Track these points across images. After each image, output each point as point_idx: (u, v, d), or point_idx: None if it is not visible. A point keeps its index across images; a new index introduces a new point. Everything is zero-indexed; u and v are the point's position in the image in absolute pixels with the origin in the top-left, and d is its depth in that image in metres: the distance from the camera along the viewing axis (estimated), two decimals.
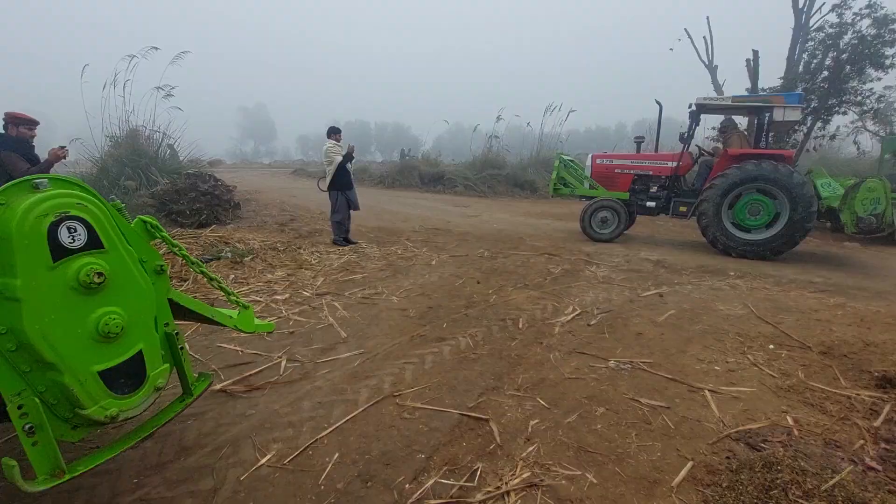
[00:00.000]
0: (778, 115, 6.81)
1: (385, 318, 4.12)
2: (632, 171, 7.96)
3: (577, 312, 4.23)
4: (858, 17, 9.94)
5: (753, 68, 11.19)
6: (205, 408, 2.68)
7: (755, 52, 11.20)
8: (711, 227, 6.98)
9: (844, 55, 9.89)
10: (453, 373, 3.10)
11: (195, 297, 4.61)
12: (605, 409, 2.65)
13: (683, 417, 2.57)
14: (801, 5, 11.00)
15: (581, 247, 7.38)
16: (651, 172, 7.90)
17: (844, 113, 10.96)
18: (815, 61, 10.60)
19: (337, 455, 2.25)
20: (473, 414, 2.60)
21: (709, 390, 2.86)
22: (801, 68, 10.85)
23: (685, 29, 12.66)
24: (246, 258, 5.96)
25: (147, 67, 10.32)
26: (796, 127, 10.47)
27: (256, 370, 3.13)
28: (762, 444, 2.30)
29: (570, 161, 8.55)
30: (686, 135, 7.53)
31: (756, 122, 7.77)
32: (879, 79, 10.27)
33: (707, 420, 2.55)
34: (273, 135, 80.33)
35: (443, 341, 3.61)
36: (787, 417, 2.56)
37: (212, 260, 5.80)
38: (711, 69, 12.40)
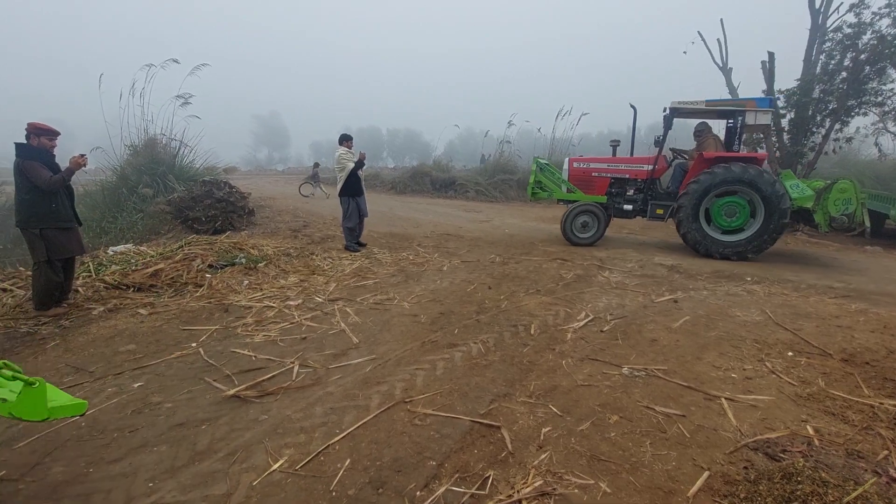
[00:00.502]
0: (750, 118, 7.02)
1: (397, 324, 4.13)
2: (608, 175, 7.96)
3: (589, 318, 4.19)
4: (877, 17, 9.75)
5: (769, 70, 11.02)
6: (218, 413, 2.71)
7: (771, 54, 11.03)
8: (691, 231, 7.10)
9: (864, 55, 9.70)
10: (465, 379, 3.08)
11: (208, 303, 4.69)
12: (619, 417, 2.61)
13: (699, 426, 2.52)
14: (817, 6, 10.83)
15: (594, 252, 7.32)
16: (628, 176, 7.91)
17: (865, 114, 10.73)
18: (832, 62, 10.40)
19: (348, 461, 2.25)
20: (485, 421, 2.58)
21: (725, 398, 2.80)
22: (818, 69, 10.67)
23: (699, 32, 12.55)
24: (260, 264, 6.03)
25: (164, 76, 10.56)
26: (772, 129, 10.29)
27: (269, 375, 3.16)
28: (781, 455, 2.24)
29: (547, 165, 8.48)
30: (660, 138, 7.63)
31: (727, 125, 7.84)
32: None
33: (724, 429, 2.49)
34: (287, 142, 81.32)
35: (454, 347, 3.60)
36: (808, 427, 2.50)
37: (226, 266, 5.87)
38: (726, 71, 12.25)
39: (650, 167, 7.77)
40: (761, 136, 11.15)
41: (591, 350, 3.53)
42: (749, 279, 5.63)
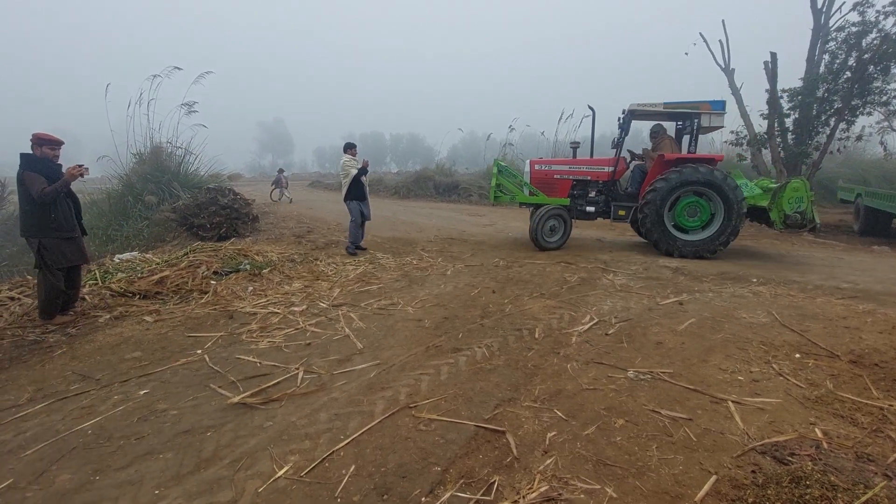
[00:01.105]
0: (704, 121, 7.18)
1: (401, 329, 4.13)
2: (570, 177, 7.92)
3: (594, 321, 4.17)
4: (882, 16, 9.71)
5: (771, 70, 10.98)
6: (223, 420, 2.71)
7: (773, 55, 11.00)
8: (655, 229, 7.14)
9: (867, 55, 9.65)
10: (469, 384, 3.08)
11: (213, 310, 4.70)
12: (625, 421, 2.60)
13: (706, 429, 2.50)
14: (819, 6, 10.80)
15: (597, 255, 7.30)
16: (589, 177, 7.91)
17: (869, 114, 10.67)
18: (837, 62, 10.36)
19: (353, 467, 2.25)
20: (490, 426, 2.57)
21: (732, 401, 2.78)
22: (822, 69, 10.63)
23: (700, 33, 12.54)
24: (264, 270, 6.05)
25: (169, 84, 10.66)
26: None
27: (274, 382, 3.16)
28: (789, 458, 2.22)
29: (506, 167, 8.34)
30: (618, 139, 7.72)
31: (678, 127, 8.03)
32: None
33: (731, 432, 2.47)
34: (290, 148, 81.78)
35: (458, 352, 3.60)
36: (816, 430, 2.47)
37: (231, 272, 5.90)
38: (728, 72, 12.23)
39: (611, 169, 7.84)
40: (766, 136, 11.13)
41: (596, 353, 3.52)
42: (755, 280, 5.60)
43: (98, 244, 8.49)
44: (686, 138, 7.65)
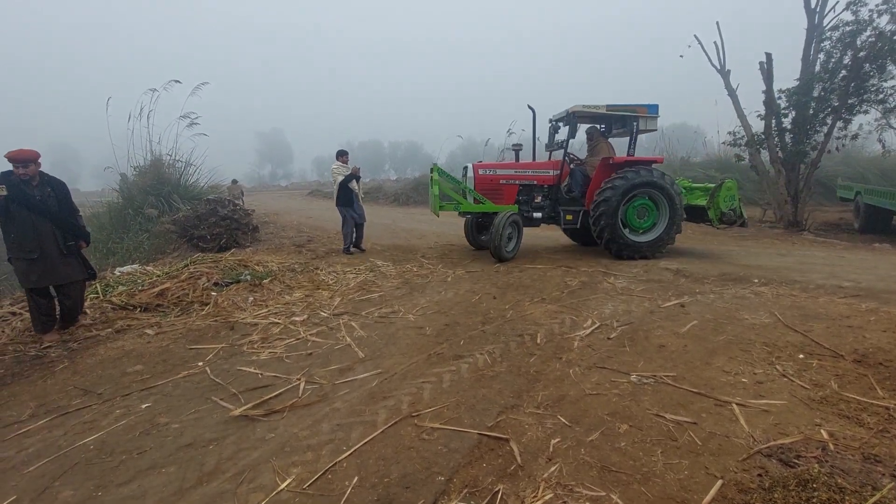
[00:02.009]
0: (642, 124, 7.33)
1: (402, 337, 4.12)
2: (517, 182, 7.54)
3: (596, 326, 4.16)
4: (876, 14, 9.75)
5: (767, 71, 11.01)
6: (225, 432, 2.70)
7: (768, 55, 11.03)
8: (611, 231, 7.05)
9: (863, 53, 9.69)
10: (472, 391, 3.06)
11: (214, 321, 4.70)
12: (629, 426, 2.58)
13: (711, 433, 2.49)
14: (813, 6, 10.84)
15: (598, 258, 7.30)
16: (535, 182, 7.62)
17: (866, 112, 10.68)
18: (832, 60, 10.40)
19: (356, 479, 2.24)
20: (493, 434, 2.56)
21: (736, 404, 2.76)
22: (817, 68, 10.66)
23: (695, 35, 12.56)
24: (265, 280, 6.05)
25: (167, 98, 10.72)
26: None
27: (276, 393, 3.15)
28: (796, 460, 2.20)
29: (447, 173, 7.63)
30: (564, 142, 7.55)
31: (600, 129, 8.11)
32: None
33: (736, 435, 2.46)
34: (290, 158, 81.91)
35: (460, 359, 3.58)
36: (822, 431, 2.45)
37: (231, 283, 5.90)
38: (724, 73, 12.24)
39: (556, 172, 7.61)
40: (763, 136, 11.14)
41: (599, 358, 3.50)
42: (756, 281, 5.59)
43: (99, 257, 8.50)
44: (617, 140, 7.98)
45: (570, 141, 7.52)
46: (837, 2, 10.46)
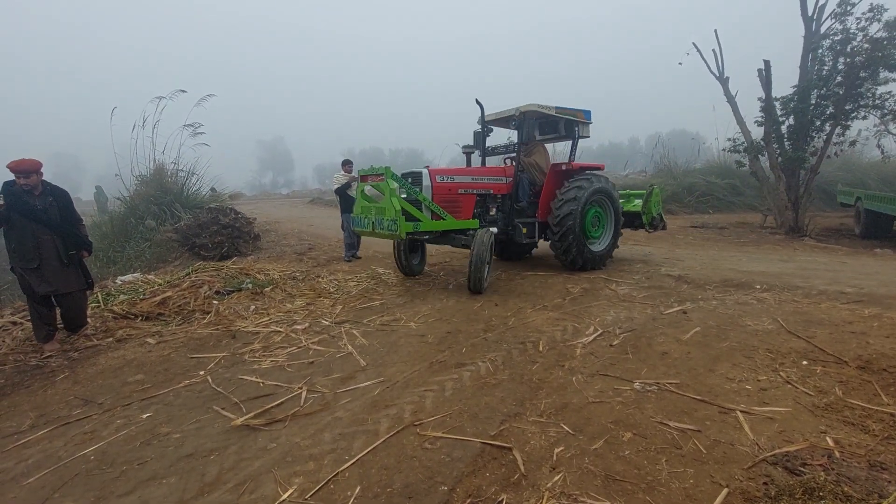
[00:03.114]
0: (581, 130, 7.07)
1: (404, 345, 4.11)
2: (475, 191, 6.31)
3: (598, 333, 4.15)
4: (865, 22, 9.85)
5: (766, 78, 11.08)
6: (227, 442, 2.69)
7: (766, 62, 11.10)
8: (575, 245, 6.50)
9: (858, 59, 9.76)
10: (474, 399, 3.05)
11: (216, 330, 4.69)
12: (633, 434, 2.56)
13: (715, 441, 2.47)
14: (810, 13, 10.93)
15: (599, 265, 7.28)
16: (491, 191, 6.52)
17: (864, 118, 10.74)
18: (826, 68, 10.48)
19: (359, 489, 2.22)
20: (496, 442, 2.54)
21: (741, 411, 2.74)
22: (814, 76, 10.73)
23: (693, 43, 12.64)
24: (266, 288, 6.05)
25: (171, 107, 10.78)
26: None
27: (277, 402, 3.14)
28: (801, 468, 2.18)
29: (406, 183, 5.66)
30: (517, 145, 6.82)
31: (544, 132, 7.50)
32: (895, 80, 10.07)
33: (741, 443, 2.44)
34: (291, 166, 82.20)
35: (462, 367, 3.57)
36: (827, 438, 2.44)
37: (233, 292, 5.90)
38: (723, 81, 12.30)
39: (509, 180, 6.69)
40: (763, 143, 11.18)
41: (601, 365, 3.49)
42: (758, 287, 5.57)
43: (101, 266, 8.50)
44: (558, 144, 7.72)
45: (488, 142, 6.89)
46: (834, 10, 10.55)
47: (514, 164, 6.95)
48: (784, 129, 10.97)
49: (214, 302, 5.53)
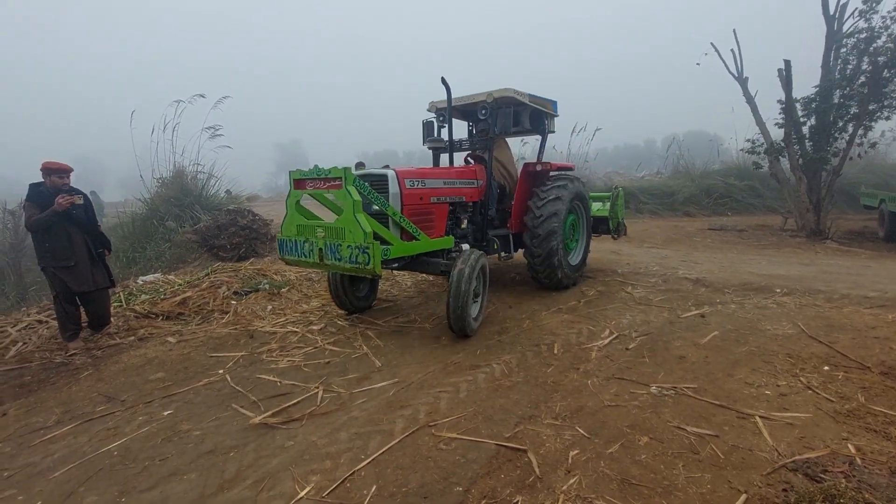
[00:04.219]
0: (549, 123, 6.15)
1: (418, 346, 4.13)
2: (448, 199, 4.84)
3: (614, 336, 4.12)
4: (890, 21, 9.61)
5: (786, 78, 10.87)
6: (245, 440, 2.74)
7: (787, 62, 10.89)
8: (562, 264, 5.59)
9: (882, 58, 9.53)
10: (489, 401, 3.05)
11: (234, 329, 4.77)
12: (649, 439, 2.54)
13: (733, 446, 2.44)
14: (832, 12, 10.70)
15: (614, 267, 7.22)
16: (464, 198, 5.10)
17: (888, 118, 10.47)
18: (849, 67, 10.25)
19: (374, 487, 2.24)
20: (511, 444, 2.55)
21: (760, 416, 2.71)
22: (837, 74, 10.50)
23: (712, 43, 12.47)
24: (283, 289, 6.13)
25: (190, 111, 10.98)
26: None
27: (294, 401, 3.18)
28: (822, 475, 2.15)
29: (372, 191, 4.02)
30: (488, 140, 5.48)
31: (468, 126, 6.44)
32: None
33: (759, 449, 2.41)
34: (307, 168, 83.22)
35: (477, 369, 3.58)
36: (849, 445, 2.39)
37: (251, 292, 5.99)
38: (741, 81, 12.10)
39: (481, 183, 5.39)
40: (783, 144, 10.97)
41: (617, 369, 3.47)
42: (778, 291, 5.48)
43: (122, 266, 8.70)
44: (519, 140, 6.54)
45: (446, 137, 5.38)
46: (857, 8, 10.32)
47: (478, 163, 5.70)
48: (805, 129, 10.76)
49: (233, 302, 5.63)
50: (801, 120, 10.70)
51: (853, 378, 3.15)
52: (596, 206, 7.28)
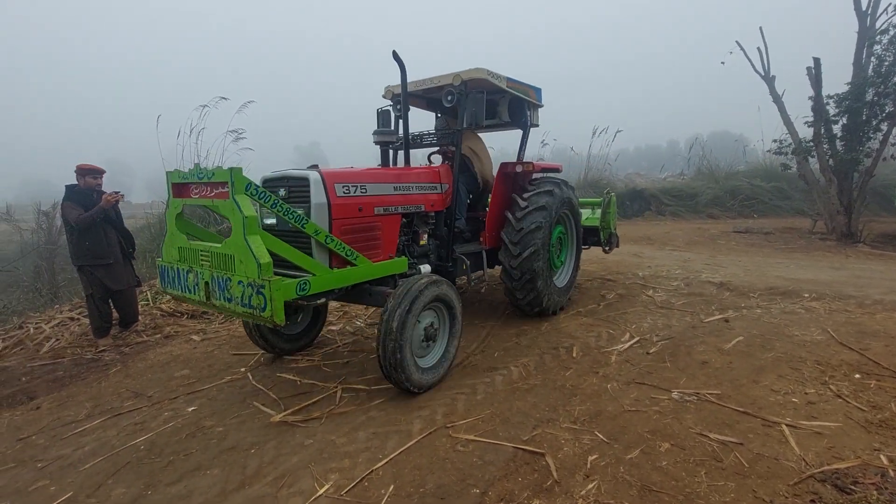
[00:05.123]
0: (532, 114, 5.12)
1: None
2: (401, 209, 3.75)
3: (634, 340, 4.06)
4: None
5: (815, 76, 10.54)
6: (266, 437, 2.78)
7: (816, 60, 10.57)
8: (548, 287, 4.63)
9: None
10: (506, 404, 3.04)
11: None
12: (671, 445, 2.50)
13: (758, 455, 2.38)
14: (864, 8, 10.35)
15: (635, 270, 7.12)
16: (423, 207, 3.98)
17: None
18: (885, 64, 9.89)
19: (392, 487, 2.26)
20: (528, 447, 2.53)
21: (786, 425, 2.63)
22: (870, 72, 10.14)
23: (737, 41, 12.18)
24: None
25: (213, 115, 11.24)
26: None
27: (314, 400, 3.22)
28: (852, 487, 2.08)
29: (272, 196, 2.79)
30: (455, 133, 4.31)
31: (437, 116, 5.12)
32: None
33: (786, 458, 2.34)
34: None
35: (494, 371, 3.57)
36: (881, 456, 2.31)
37: None
38: (768, 80, 11.78)
39: (446, 187, 4.23)
40: (812, 143, 10.65)
41: (638, 373, 3.41)
42: (807, 295, 5.32)
43: (148, 266, 8.96)
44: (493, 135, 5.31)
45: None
46: (890, 3, 9.96)
47: (446, 162, 4.53)
48: (836, 128, 10.42)
49: None
50: (833, 119, 10.37)
51: (886, 387, 3.03)
52: (585, 214, 6.17)
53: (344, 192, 3.29)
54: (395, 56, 3.93)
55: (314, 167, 3.37)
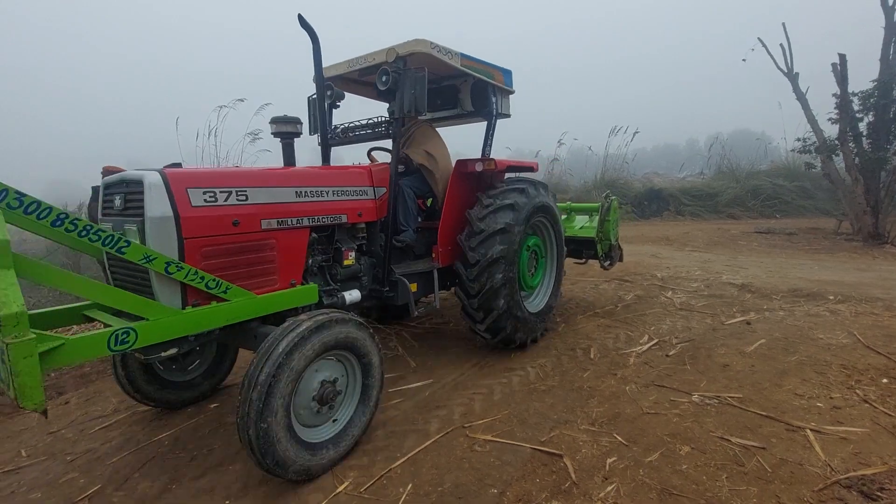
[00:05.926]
0: (500, 101, 4.21)
1: (452, 347, 4.15)
2: (306, 221, 2.88)
3: (653, 342, 4.02)
4: None
5: (840, 73, 10.27)
6: None
7: (841, 56, 10.30)
8: (514, 310, 3.68)
9: None
10: (523, 404, 3.04)
11: None
12: (691, 448, 2.47)
13: (782, 460, 2.33)
14: (890, 3, 10.05)
15: (653, 271, 7.03)
16: (345, 217, 3.16)
17: None
18: None
19: (410, 486, 2.28)
20: (546, 448, 2.53)
21: (811, 429, 2.58)
22: None
23: (759, 38, 11.95)
24: None
25: (232, 116, 11.44)
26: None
27: None
28: (879, 493, 2.03)
29: (43, 207, 1.92)
30: (394, 121, 3.38)
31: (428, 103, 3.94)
32: None
33: (810, 463, 2.29)
34: None
35: (511, 371, 3.57)
36: None
37: None
38: (791, 77, 11.52)
39: (381, 192, 3.43)
40: (837, 142, 10.39)
41: (657, 375, 3.38)
42: (832, 298, 5.19)
43: None
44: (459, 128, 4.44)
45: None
46: None
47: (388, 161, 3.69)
48: (863, 126, 10.14)
49: None
50: (858, 116, 10.09)
51: None
52: (580, 222, 5.36)
53: (206, 201, 2.38)
54: (303, 22, 3.04)
55: (175, 165, 2.74)
